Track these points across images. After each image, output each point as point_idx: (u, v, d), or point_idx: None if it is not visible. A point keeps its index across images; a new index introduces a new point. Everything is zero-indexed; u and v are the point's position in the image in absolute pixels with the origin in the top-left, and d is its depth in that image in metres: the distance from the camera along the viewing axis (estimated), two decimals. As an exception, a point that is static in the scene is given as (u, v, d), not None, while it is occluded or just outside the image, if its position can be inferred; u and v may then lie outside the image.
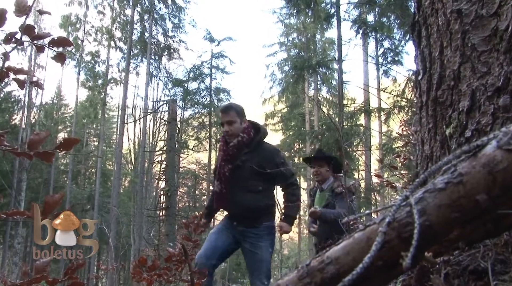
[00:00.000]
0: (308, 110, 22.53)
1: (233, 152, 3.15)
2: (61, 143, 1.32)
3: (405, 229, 0.55)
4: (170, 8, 22.86)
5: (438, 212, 0.55)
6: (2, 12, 1.34)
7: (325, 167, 4.03)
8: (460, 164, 0.55)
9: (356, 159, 15.00)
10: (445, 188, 0.55)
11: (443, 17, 1.02)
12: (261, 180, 3.11)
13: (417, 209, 0.54)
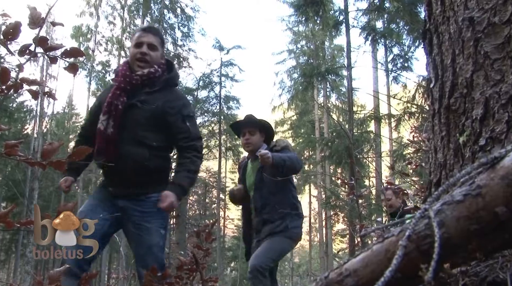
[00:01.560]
0: (318, 117, 22.50)
1: (137, 83, 2.38)
2: (73, 152, 1.34)
3: (424, 241, 0.55)
4: (179, 18, 23.03)
5: (457, 224, 0.54)
6: (17, 25, 1.36)
7: (257, 135, 3.44)
8: (478, 176, 0.54)
9: (367, 165, 14.90)
10: (463, 200, 0.54)
11: (454, 25, 1.02)
12: (157, 133, 2.37)
13: (436, 222, 0.54)
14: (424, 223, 0.56)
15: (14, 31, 1.34)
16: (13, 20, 1.39)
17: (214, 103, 21.85)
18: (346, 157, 10.83)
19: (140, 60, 2.41)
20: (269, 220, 3.31)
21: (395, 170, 6.15)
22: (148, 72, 2.40)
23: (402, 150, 12.02)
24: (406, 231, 0.57)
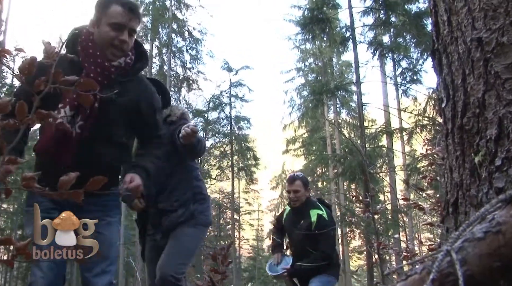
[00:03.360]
0: (329, 134, 22.47)
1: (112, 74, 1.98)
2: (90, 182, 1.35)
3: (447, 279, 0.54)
4: (187, 41, 23.39)
5: (479, 261, 0.54)
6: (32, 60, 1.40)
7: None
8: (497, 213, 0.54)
9: (381, 180, 14.78)
10: (484, 237, 0.54)
11: (463, 45, 1.03)
12: (126, 127, 2.09)
13: (458, 259, 0.54)
14: (447, 261, 0.55)
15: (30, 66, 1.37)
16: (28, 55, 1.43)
17: (225, 124, 22.00)
18: (360, 173, 10.76)
19: (118, 49, 1.96)
20: (168, 210, 2.77)
21: (410, 185, 6.08)
22: (124, 63, 2.01)
23: (416, 164, 11.91)
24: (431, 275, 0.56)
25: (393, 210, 11.18)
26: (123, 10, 1.95)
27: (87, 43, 1.97)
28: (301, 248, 3.83)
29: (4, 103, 1.31)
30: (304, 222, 3.84)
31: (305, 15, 13.19)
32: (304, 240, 3.78)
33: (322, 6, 12.34)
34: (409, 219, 19.37)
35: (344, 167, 11.65)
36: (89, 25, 2.01)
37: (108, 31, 1.94)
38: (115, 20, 1.94)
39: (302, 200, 3.91)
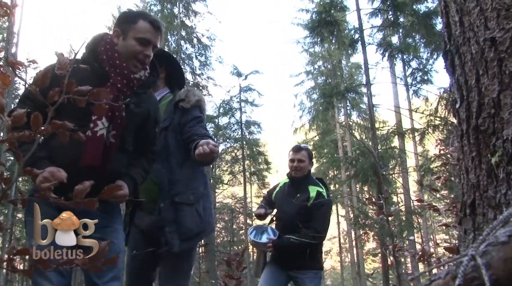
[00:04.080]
0: (340, 136, 22.38)
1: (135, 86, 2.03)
2: (104, 191, 1.36)
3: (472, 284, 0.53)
4: (196, 47, 23.50)
5: (504, 266, 0.53)
6: (46, 72, 1.42)
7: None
8: None
9: (394, 182, 14.67)
10: (508, 241, 0.53)
11: (476, 46, 1.02)
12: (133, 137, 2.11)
13: (483, 264, 0.53)
14: (471, 265, 0.55)
15: (43, 78, 1.39)
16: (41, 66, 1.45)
17: (236, 129, 22.03)
18: (372, 174, 10.69)
19: (140, 62, 2.03)
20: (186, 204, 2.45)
21: (424, 186, 6.01)
22: (144, 77, 2.08)
23: (429, 164, 11.79)
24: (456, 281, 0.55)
25: (407, 211, 11.08)
26: (150, 27, 2.02)
27: (112, 53, 1.99)
28: (292, 222, 3.51)
29: (19, 115, 1.33)
30: (301, 196, 3.59)
31: (313, 18, 13.18)
32: (296, 214, 3.51)
33: (330, 9, 12.32)
34: (423, 220, 19.19)
35: (356, 169, 11.57)
36: (113, 35, 2.04)
37: (134, 45, 2.00)
38: (142, 35, 2.00)
39: (304, 172, 3.70)
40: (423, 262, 3.55)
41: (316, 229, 3.48)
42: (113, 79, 1.97)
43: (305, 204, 3.51)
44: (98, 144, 1.90)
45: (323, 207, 3.55)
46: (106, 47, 2.00)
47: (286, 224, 3.58)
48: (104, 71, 1.97)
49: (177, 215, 2.42)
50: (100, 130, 1.91)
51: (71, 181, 1.40)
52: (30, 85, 1.38)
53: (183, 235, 2.42)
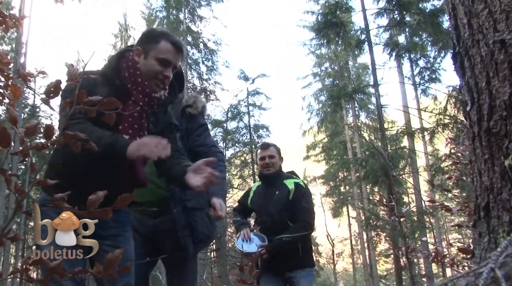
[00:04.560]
0: (349, 138, 22.33)
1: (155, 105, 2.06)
2: (118, 200, 1.37)
3: None
4: (203, 52, 23.60)
5: None
6: (57, 83, 1.44)
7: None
8: None
9: (404, 182, 14.59)
10: None
11: (485, 48, 1.01)
12: None
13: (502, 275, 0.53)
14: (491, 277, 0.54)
15: (55, 89, 1.41)
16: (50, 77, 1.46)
17: (244, 133, 22.01)
18: (382, 175, 10.63)
19: (162, 82, 2.03)
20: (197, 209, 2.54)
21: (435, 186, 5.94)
22: (163, 96, 2.08)
23: (440, 164, 11.70)
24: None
25: (419, 211, 10.99)
26: (172, 48, 2.01)
27: (134, 71, 2.00)
28: (278, 222, 3.37)
29: (32, 126, 1.35)
30: (280, 193, 3.49)
31: (319, 20, 13.19)
32: (281, 212, 3.40)
33: (335, 10, 12.31)
34: (435, 220, 19.03)
35: (366, 170, 11.52)
36: (134, 53, 2.04)
37: (155, 65, 1.99)
38: (164, 56, 2.00)
39: (276, 168, 3.59)
40: (436, 263, 3.51)
41: (305, 220, 3.41)
42: (135, 97, 1.98)
43: (287, 199, 3.43)
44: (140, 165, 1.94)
45: (305, 196, 3.49)
46: (128, 65, 2.01)
47: (274, 226, 3.40)
48: (126, 89, 1.98)
49: (190, 220, 2.49)
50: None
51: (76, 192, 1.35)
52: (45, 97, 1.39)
53: (196, 239, 2.51)
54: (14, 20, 3.55)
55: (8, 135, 1.26)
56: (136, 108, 1.97)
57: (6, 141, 1.26)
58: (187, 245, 2.49)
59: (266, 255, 3.29)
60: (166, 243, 2.50)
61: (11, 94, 2.90)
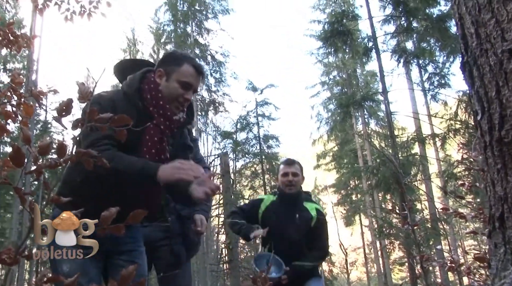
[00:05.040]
0: (359, 146, 22.24)
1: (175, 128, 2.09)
2: (131, 216, 1.37)
3: None
4: (211, 65, 23.79)
5: None
6: (69, 102, 1.46)
7: None
8: None
9: (417, 189, 14.46)
10: None
11: (494, 57, 1.01)
12: None
13: None
14: None
15: (67, 108, 1.43)
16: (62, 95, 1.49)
17: (254, 143, 22.02)
18: (394, 183, 10.54)
19: (182, 105, 2.04)
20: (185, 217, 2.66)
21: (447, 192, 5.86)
22: (182, 118, 2.10)
23: (452, 170, 11.58)
24: None
25: (432, 219, 10.87)
26: (194, 71, 2.02)
27: (156, 94, 2.00)
28: (296, 247, 3.24)
29: (45, 145, 1.37)
30: (301, 217, 3.32)
31: (326, 29, 13.21)
32: (301, 237, 3.26)
33: (342, 18, 12.35)
34: (450, 227, 18.80)
35: (377, 178, 11.42)
36: (156, 75, 2.05)
37: (177, 88, 2.00)
38: (186, 79, 2.00)
39: (299, 187, 3.43)
40: (453, 272, 3.45)
41: (323, 249, 3.37)
42: (157, 120, 1.98)
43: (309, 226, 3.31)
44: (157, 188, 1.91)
45: (325, 225, 3.41)
46: (150, 87, 2.02)
47: (289, 249, 3.22)
48: (147, 111, 1.99)
49: (183, 228, 2.64)
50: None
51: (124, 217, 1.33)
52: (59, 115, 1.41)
53: (188, 246, 2.67)
54: (26, 39, 3.62)
55: (22, 155, 1.28)
56: (158, 131, 1.97)
57: (20, 160, 1.27)
58: (180, 252, 2.60)
59: (286, 281, 3.14)
60: (161, 251, 2.60)
61: (24, 112, 2.94)
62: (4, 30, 3.54)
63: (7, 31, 3.55)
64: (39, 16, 15.73)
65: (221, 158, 10.39)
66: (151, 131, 1.95)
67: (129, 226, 1.63)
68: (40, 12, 4.12)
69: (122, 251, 2.01)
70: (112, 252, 2.00)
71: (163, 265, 2.58)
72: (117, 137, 1.43)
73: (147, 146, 1.94)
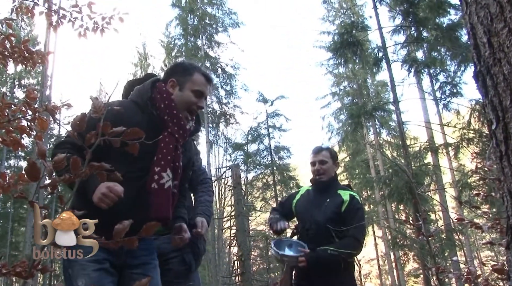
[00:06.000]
0: (371, 156, 22.10)
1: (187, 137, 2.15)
2: (144, 228, 1.38)
3: None
4: (221, 77, 23.95)
5: None
6: (83, 117, 1.47)
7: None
8: None
9: (430, 199, 14.28)
10: None
11: (508, 66, 1.01)
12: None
13: None
14: None
15: (81, 122, 1.44)
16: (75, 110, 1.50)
17: (265, 155, 21.98)
18: (407, 193, 10.43)
19: (192, 113, 2.11)
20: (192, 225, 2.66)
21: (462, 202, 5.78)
22: (192, 126, 2.18)
23: (466, 179, 11.43)
24: None
25: (447, 229, 10.71)
26: (204, 80, 2.12)
27: (170, 103, 2.04)
28: (323, 232, 2.98)
29: (59, 160, 1.38)
30: (332, 201, 3.09)
31: (335, 40, 13.25)
32: (329, 223, 2.98)
33: (352, 29, 12.37)
34: (465, 238, 18.51)
35: (390, 189, 11.32)
36: (168, 85, 2.10)
37: (190, 96, 2.07)
38: (199, 88, 2.09)
39: (330, 174, 3.22)
40: (469, 284, 3.38)
41: (355, 236, 2.96)
42: (171, 129, 2.03)
43: (339, 209, 3.04)
44: (167, 196, 1.97)
45: (359, 211, 3.08)
46: (162, 96, 2.05)
47: (316, 235, 3.02)
48: (161, 120, 2.03)
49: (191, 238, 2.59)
50: (167, 182, 1.97)
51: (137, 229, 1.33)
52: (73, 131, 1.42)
53: (196, 255, 2.72)
54: (41, 56, 3.68)
55: (37, 169, 1.29)
56: (172, 139, 2.02)
57: (35, 174, 1.29)
58: (190, 261, 2.66)
59: (305, 263, 2.87)
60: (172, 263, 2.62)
61: (39, 126, 2.99)
62: (19, 47, 3.61)
63: (23, 48, 3.62)
64: (53, 32, 16.05)
65: (233, 170, 10.41)
66: (166, 139, 1.99)
67: (143, 238, 1.66)
68: (54, 29, 4.20)
69: (136, 265, 2.01)
70: (126, 266, 2.00)
71: (172, 276, 2.58)
72: (130, 150, 1.45)
73: (162, 153, 1.97)
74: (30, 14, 4.15)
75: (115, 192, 1.72)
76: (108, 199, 1.72)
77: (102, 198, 1.72)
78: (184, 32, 23.48)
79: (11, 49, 3.58)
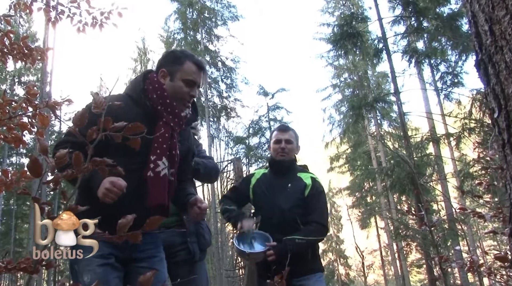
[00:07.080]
0: (373, 147, 22.09)
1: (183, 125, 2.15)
2: (148, 222, 1.38)
3: None
4: (221, 71, 23.90)
5: None
6: (84, 113, 1.47)
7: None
8: None
9: (432, 189, 14.28)
10: None
11: (510, 54, 1.00)
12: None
13: None
14: None
15: (81, 118, 1.44)
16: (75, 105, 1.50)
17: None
18: (409, 184, 10.43)
19: (186, 102, 2.10)
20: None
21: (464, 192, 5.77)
22: (188, 114, 2.17)
23: (468, 169, 11.42)
24: None
25: (450, 219, 10.72)
26: (196, 68, 2.09)
27: (162, 93, 2.05)
28: (288, 220, 2.83)
29: (61, 155, 1.38)
30: (294, 186, 2.95)
31: (335, 31, 13.18)
32: (293, 209, 2.86)
33: (351, 21, 12.31)
34: (468, 228, 18.54)
35: (392, 180, 11.31)
36: (159, 75, 2.10)
37: (182, 86, 2.06)
38: (190, 77, 2.07)
39: (292, 156, 3.08)
40: (472, 273, 3.39)
41: (320, 222, 2.86)
42: (166, 118, 2.03)
43: (302, 195, 2.90)
44: (163, 184, 1.99)
45: (322, 195, 2.98)
46: (154, 87, 2.06)
47: (280, 223, 2.83)
48: (155, 110, 2.04)
49: (197, 228, 2.71)
50: (162, 170, 1.98)
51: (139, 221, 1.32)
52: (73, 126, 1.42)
53: (202, 245, 2.72)
54: (40, 52, 3.67)
55: (39, 165, 1.29)
56: (167, 128, 2.02)
57: (38, 170, 1.29)
58: (195, 251, 2.65)
59: (274, 257, 2.70)
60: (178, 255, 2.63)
61: (40, 123, 2.98)
62: (18, 44, 3.59)
63: (22, 45, 3.61)
64: (52, 29, 16.01)
65: (234, 163, 10.38)
66: (161, 128, 1.99)
67: (148, 231, 1.66)
68: (53, 25, 4.18)
69: (142, 258, 2.02)
70: (132, 260, 2.01)
71: (177, 265, 2.60)
72: (131, 145, 1.45)
73: (158, 142, 1.98)
74: (29, 11, 4.13)
75: (119, 187, 1.75)
76: (112, 193, 1.75)
77: (107, 193, 1.75)
78: (183, 26, 23.41)
79: (10, 46, 3.56)
